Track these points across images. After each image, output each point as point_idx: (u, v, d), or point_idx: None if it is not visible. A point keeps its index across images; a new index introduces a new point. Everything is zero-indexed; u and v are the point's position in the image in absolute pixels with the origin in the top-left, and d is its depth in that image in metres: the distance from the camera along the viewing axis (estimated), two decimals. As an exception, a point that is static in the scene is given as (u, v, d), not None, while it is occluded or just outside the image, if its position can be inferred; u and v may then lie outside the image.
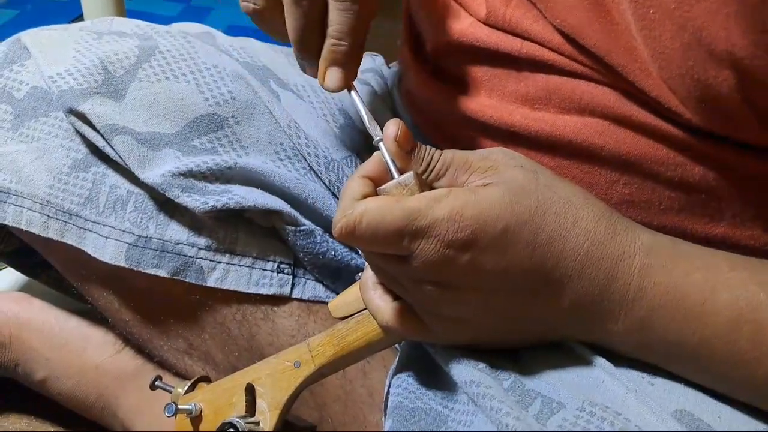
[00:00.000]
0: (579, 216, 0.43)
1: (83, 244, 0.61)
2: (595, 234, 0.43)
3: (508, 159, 0.44)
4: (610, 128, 0.50)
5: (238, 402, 0.52)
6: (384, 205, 0.41)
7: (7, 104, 0.62)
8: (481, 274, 0.42)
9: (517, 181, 0.42)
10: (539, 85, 0.52)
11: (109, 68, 0.59)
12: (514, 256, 0.41)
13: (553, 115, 0.52)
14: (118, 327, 0.68)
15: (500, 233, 0.41)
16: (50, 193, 0.60)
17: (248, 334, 0.63)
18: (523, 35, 0.52)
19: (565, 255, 0.42)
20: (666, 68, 0.44)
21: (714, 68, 0.42)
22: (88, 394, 0.71)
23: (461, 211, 0.40)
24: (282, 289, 0.62)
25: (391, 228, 0.40)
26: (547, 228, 0.42)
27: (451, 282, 0.42)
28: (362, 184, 0.43)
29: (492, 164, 0.43)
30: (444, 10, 0.58)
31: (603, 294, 0.43)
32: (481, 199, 0.41)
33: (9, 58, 0.64)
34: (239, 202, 0.58)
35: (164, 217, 0.60)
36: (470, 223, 0.40)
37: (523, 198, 0.42)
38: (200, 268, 0.60)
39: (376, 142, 0.45)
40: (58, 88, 0.59)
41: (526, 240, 0.41)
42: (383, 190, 0.43)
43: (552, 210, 0.42)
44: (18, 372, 0.73)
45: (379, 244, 0.41)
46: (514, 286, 0.42)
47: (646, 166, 0.49)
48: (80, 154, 0.61)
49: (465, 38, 0.55)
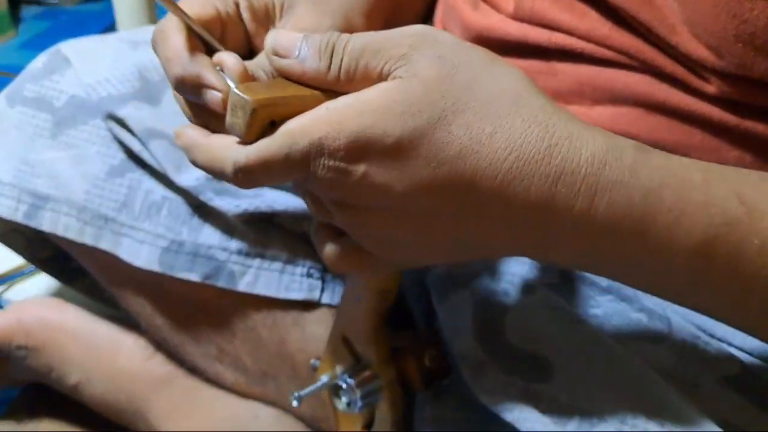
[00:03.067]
0: (500, 125, 0.36)
1: (118, 249, 0.62)
2: (522, 147, 0.36)
3: (427, 45, 0.37)
4: (644, 116, 0.49)
5: (344, 356, 0.52)
6: (264, 143, 0.37)
7: (47, 113, 0.64)
8: (381, 192, 0.37)
9: (425, 80, 0.36)
10: (570, 78, 0.52)
11: (145, 75, 0.61)
12: (414, 173, 0.36)
13: (587, 107, 0.52)
14: (151, 332, 0.69)
15: (391, 148, 0.36)
16: (87, 198, 0.62)
17: (278, 339, 0.63)
18: (551, 26, 0.52)
19: (479, 173, 0.36)
20: (698, 11, 0.42)
21: (749, 1, 0.41)
22: (120, 399, 0.72)
23: (340, 126, 0.36)
24: (311, 293, 0.62)
25: (279, 159, 0.37)
26: (455, 141, 0.36)
27: (357, 201, 0.39)
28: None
29: (406, 51, 0.37)
30: (472, 8, 0.59)
31: (539, 219, 0.37)
32: (364, 110, 0.36)
33: (49, 69, 0.65)
34: (271, 206, 0.59)
35: (197, 222, 0.61)
36: (352, 139, 0.36)
37: (422, 105, 0.36)
38: (231, 273, 0.61)
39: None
40: (98, 95, 0.61)
41: (425, 156, 0.36)
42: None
43: (463, 119, 0.36)
44: (51, 377, 0.74)
45: (276, 177, 0.38)
46: (428, 206, 0.38)
47: (681, 152, 0.48)
48: (116, 160, 0.62)
49: (494, 33, 0.55)
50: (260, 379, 0.65)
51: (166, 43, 0.42)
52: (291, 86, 0.39)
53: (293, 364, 0.63)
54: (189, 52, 0.41)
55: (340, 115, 0.36)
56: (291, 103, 0.38)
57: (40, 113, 0.64)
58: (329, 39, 0.38)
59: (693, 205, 0.37)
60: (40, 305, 0.76)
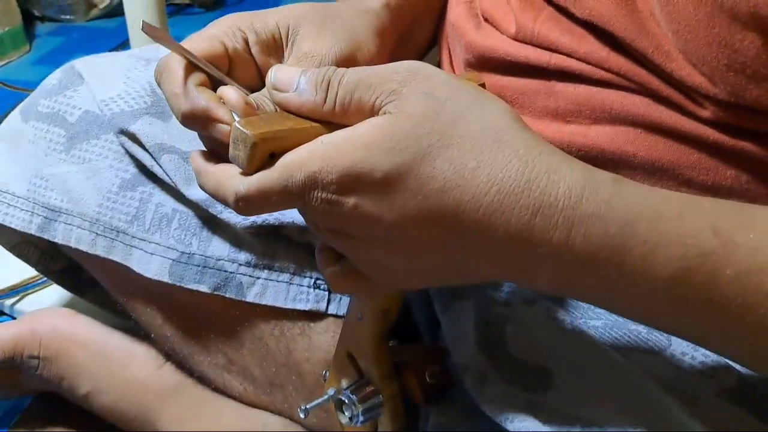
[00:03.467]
0: (483, 159, 0.38)
1: (129, 260, 0.63)
2: (503, 181, 0.38)
3: (418, 81, 0.39)
4: (641, 135, 0.50)
5: (349, 371, 0.53)
6: (264, 175, 0.40)
7: (61, 127, 0.65)
8: (371, 222, 0.39)
9: (413, 116, 0.38)
10: (569, 98, 0.53)
11: (157, 91, 0.62)
12: (402, 206, 0.38)
13: (585, 126, 0.53)
14: (160, 342, 0.70)
15: (380, 182, 0.38)
16: (99, 211, 0.63)
17: (286, 349, 0.64)
18: (551, 47, 0.54)
19: (463, 206, 0.38)
20: (692, 41, 0.44)
21: (739, 32, 0.42)
22: (130, 409, 0.73)
23: (333, 161, 0.38)
24: (318, 304, 0.63)
25: (277, 191, 0.39)
26: (439, 176, 0.38)
27: (350, 231, 0.41)
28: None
29: (396, 87, 0.39)
30: (475, 28, 0.60)
31: (520, 249, 0.39)
32: (354, 145, 0.38)
33: (63, 84, 0.67)
34: (278, 219, 0.60)
35: (207, 234, 0.62)
36: (344, 173, 0.38)
37: (409, 141, 0.38)
38: (240, 284, 0.62)
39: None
40: (110, 111, 0.62)
41: (412, 189, 0.38)
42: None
43: (447, 154, 0.38)
44: (63, 386, 0.75)
45: (275, 207, 0.41)
46: (416, 236, 0.40)
47: (678, 171, 0.50)
48: (128, 174, 0.63)
49: (495, 53, 0.57)
50: (267, 389, 0.66)
51: (172, 79, 0.44)
52: (290, 119, 0.41)
53: (300, 374, 0.64)
54: (195, 87, 0.43)
55: (334, 149, 0.38)
56: (289, 136, 0.40)
57: (53, 128, 0.65)
58: (325, 73, 0.40)
59: (668, 237, 0.38)
60: (52, 316, 0.78)
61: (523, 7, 0.56)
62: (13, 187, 0.65)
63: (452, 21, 0.65)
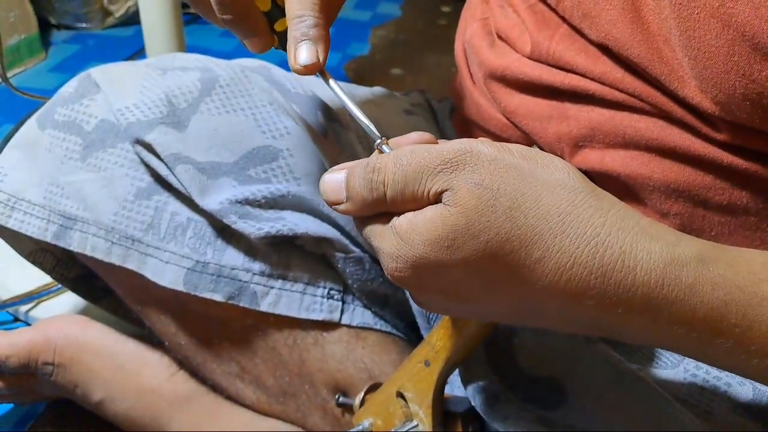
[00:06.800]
0: (547, 248, 0.36)
1: (144, 269, 0.63)
2: (573, 270, 0.36)
3: (467, 168, 0.38)
4: (655, 159, 0.51)
5: (395, 411, 0.54)
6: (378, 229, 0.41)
7: (77, 136, 0.66)
8: (435, 296, 0.41)
9: (466, 212, 0.37)
10: (582, 123, 0.53)
11: (173, 101, 0.63)
12: (468, 296, 0.40)
13: (599, 151, 0.53)
14: (174, 350, 0.71)
15: (443, 274, 0.38)
16: (114, 219, 0.63)
17: (299, 359, 0.64)
18: (566, 68, 0.54)
19: (529, 299, 0.38)
20: (709, 68, 0.44)
21: (759, 62, 0.42)
22: (143, 416, 0.73)
23: (398, 253, 0.39)
24: (332, 314, 0.63)
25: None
26: (502, 272, 0.37)
27: (416, 296, 0.43)
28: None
29: (447, 178, 0.38)
30: (489, 46, 0.61)
31: (596, 326, 0.39)
32: (416, 243, 0.38)
33: (80, 93, 0.67)
34: (292, 229, 0.60)
35: (221, 243, 0.63)
36: (409, 266, 0.39)
37: (466, 238, 0.37)
38: (254, 293, 0.62)
39: (377, 144, 0.43)
40: (126, 120, 0.63)
41: (476, 285, 0.38)
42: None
43: (507, 248, 0.36)
44: (77, 393, 0.76)
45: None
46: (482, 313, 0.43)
47: (694, 192, 0.50)
48: (144, 182, 0.64)
49: (510, 72, 0.57)
50: (280, 398, 0.66)
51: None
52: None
53: (313, 383, 0.64)
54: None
55: (396, 247, 0.39)
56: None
57: (70, 136, 0.66)
58: (368, 179, 0.40)
59: (759, 322, 0.37)
60: (66, 323, 0.78)
61: (539, 26, 0.56)
62: (30, 195, 0.65)
63: (467, 39, 0.65)
